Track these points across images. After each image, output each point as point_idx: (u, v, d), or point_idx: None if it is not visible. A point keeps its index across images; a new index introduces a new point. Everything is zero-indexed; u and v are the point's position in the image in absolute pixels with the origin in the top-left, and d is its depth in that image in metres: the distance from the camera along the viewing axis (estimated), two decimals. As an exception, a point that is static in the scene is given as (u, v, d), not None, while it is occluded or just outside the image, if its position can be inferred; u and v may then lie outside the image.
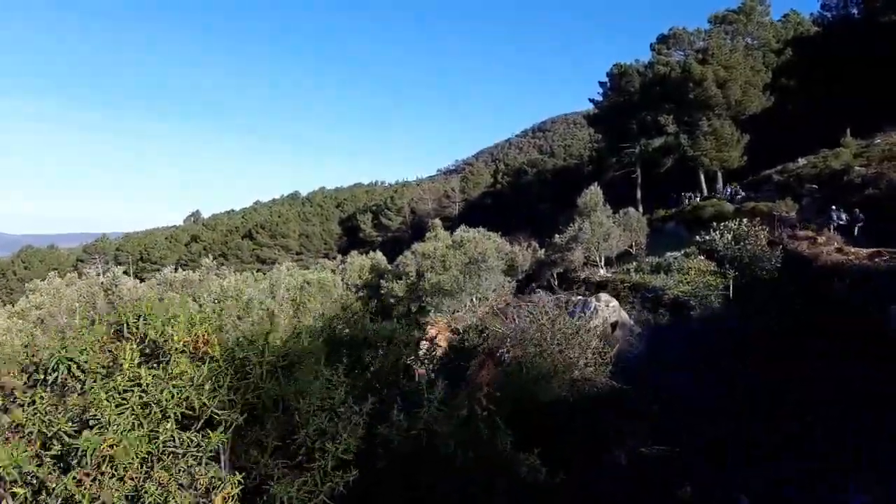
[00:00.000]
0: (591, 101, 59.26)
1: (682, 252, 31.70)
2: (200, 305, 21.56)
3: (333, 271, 44.01)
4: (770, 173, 44.93)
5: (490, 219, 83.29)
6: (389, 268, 32.09)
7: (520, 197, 79.02)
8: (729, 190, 48.18)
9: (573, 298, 9.75)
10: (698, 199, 49.10)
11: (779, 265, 19.85)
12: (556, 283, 39.44)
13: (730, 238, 20.59)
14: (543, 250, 39.51)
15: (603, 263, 33.62)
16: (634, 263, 32.39)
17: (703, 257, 22.72)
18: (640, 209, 57.31)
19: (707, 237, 21.36)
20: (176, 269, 33.48)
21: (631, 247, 41.18)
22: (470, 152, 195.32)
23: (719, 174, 50.60)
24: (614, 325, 8.58)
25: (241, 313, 22.87)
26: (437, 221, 33.69)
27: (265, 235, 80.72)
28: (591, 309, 8.64)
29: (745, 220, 35.85)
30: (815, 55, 49.85)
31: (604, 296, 10.03)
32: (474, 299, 30.76)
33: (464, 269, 25.93)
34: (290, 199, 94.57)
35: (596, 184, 35.63)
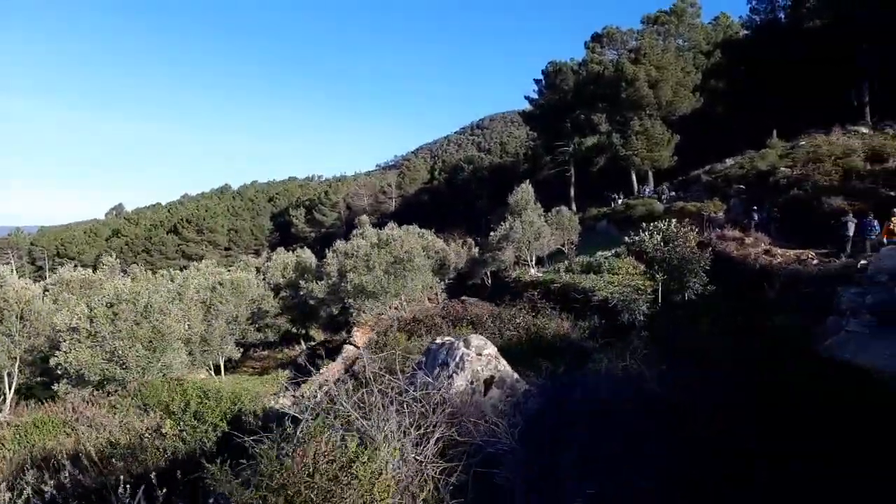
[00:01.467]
0: (527, 98, 58.70)
1: (613, 252, 31.12)
2: (91, 309, 19.41)
3: (258, 269, 41.80)
4: (699, 173, 45.15)
5: (427, 215, 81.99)
6: (315, 266, 30.20)
7: (457, 194, 78.09)
8: (659, 190, 48.36)
9: (439, 341, 7.70)
10: (630, 198, 49.08)
11: (708, 267, 19.18)
12: (489, 281, 38.46)
13: (659, 239, 19.81)
14: (477, 249, 38.50)
15: (534, 263, 32.79)
16: (565, 263, 31.64)
17: (632, 258, 21.91)
18: (574, 208, 57.09)
19: (636, 238, 20.53)
20: (79, 267, 30.74)
21: (563, 246, 40.59)
22: (409, 148, 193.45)
23: (650, 174, 50.68)
24: (489, 383, 6.49)
25: (138, 318, 20.78)
26: (365, 218, 32.22)
27: (191, 230, 77.05)
28: (457, 359, 6.49)
29: (674, 220, 35.89)
30: (744, 58, 50.43)
31: (475, 339, 6.40)
32: (402, 300, 29.36)
33: (389, 268, 24.44)
34: (220, 192, 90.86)
35: (527, 182, 34.71)
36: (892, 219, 19.35)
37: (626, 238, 21.88)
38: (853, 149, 33.37)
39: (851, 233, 21.08)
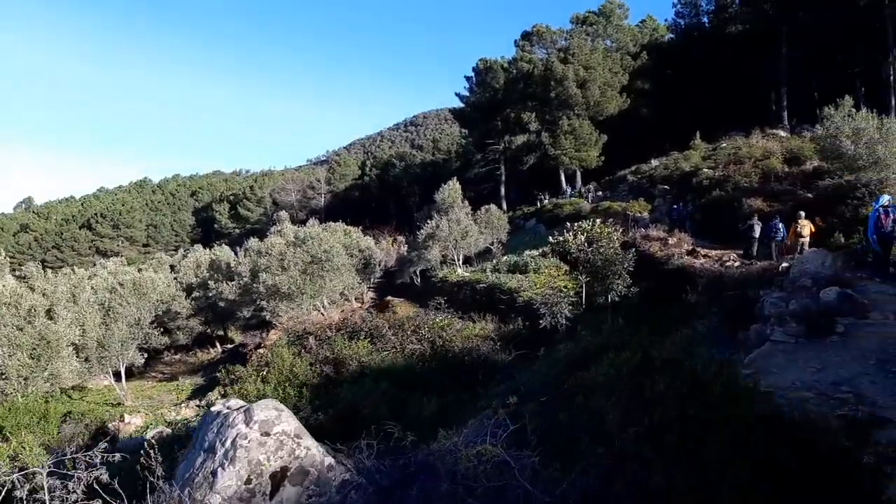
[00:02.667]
0: (458, 95, 57.83)
1: (541, 251, 30.58)
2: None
3: (173, 267, 39.35)
4: (625, 174, 45.39)
5: (357, 212, 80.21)
6: (226, 266, 28.24)
7: (388, 191, 76.73)
8: (587, 189, 48.41)
9: (218, 407, 5.43)
10: (559, 197, 48.95)
11: (632, 268, 18.61)
12: (418, 281, 37.34)
13: (583, 239, 19.09)
14: (405, 247, 37.36)
15: (461, 262, 31.93)
16: (493, 262, 30.89)
17: (556, 258, 21.22)
18: (505, 206, 56.75)
19: (560, 238, 19.78)
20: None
21: (492, 244, 39.91)
22: (342, 143, 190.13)
23: (578, 173, 50.72)
24: (280, 478, 4.37)
25: (20, 323, 18.67)
26: (284, 214, 30.64)
27: (106, 226, 72.58)
28: (227, 444, 4.19)
29: (599, 219, 35.72)
30: (669, 60, 51.11)
31: (261, 410, 4.91)
32: (324, 301, 27.87)
33: (306, 268, 22.94)
34: (139, 186, 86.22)
35: (454, 179, 33.84)
36: (798, 221, 19.35)
37: (551, 238, 21.13)
38: (772, 151, 33.87)
39: (757, 234, 21.08)
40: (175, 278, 32.60)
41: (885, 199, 13.66)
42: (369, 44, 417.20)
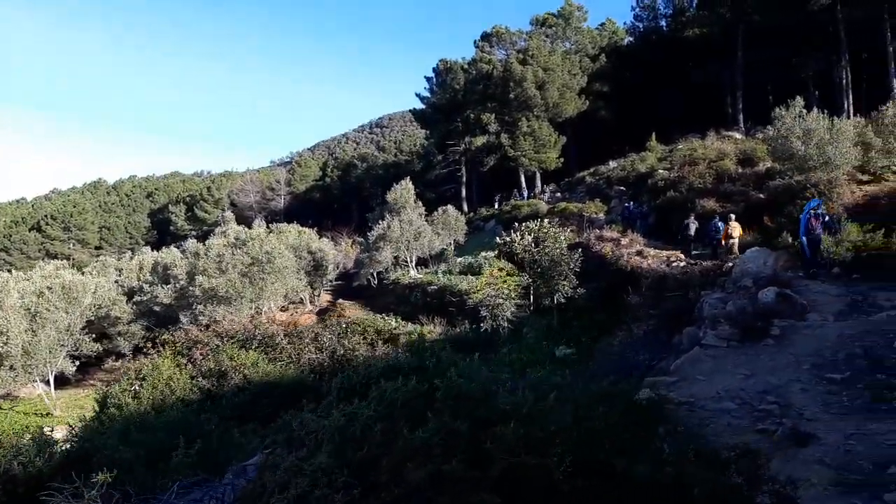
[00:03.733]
0: (419, 96, 57.04)
1: (496, 252, 30.02)
2: None
3: (119, 271, 37.82)
4: (584, 175, 45.09)
5: (319, 213, 78.89)
6: (162, 268, 26.93)
7: (350, 192, 75.62)
8: (547, 190, 48.08)
9: None
10: (518, 198, 48.50)
11: (578, 269, 18.05)
12: (375, 282, 36.47)
13: (531, 239, 18.47)
14: (359, 249, 36.48)
15: (414, 263, 31.18)
16: (446, 264, 30.23)
17: (504, 260, 20.58)
18: (466, 207, 56.18)
19: (507, 238, 19.12)
20: None
21: (450, 245, 39.24)
22: (306, 145, 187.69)
23: (538, 175, 50.33)
24: None
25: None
26: (229, 215, 29.60)
27: (57, 228, 69.97)
28: None
29: (556, 220, 35.30)
30: (627, 63, 51.05)
31: None
32: (271, 305, 26.84)
33: (246, 271, 21.90)
34: (93, 187, 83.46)
35: (407, 179, 33.13)
36: (730, 223, 19.38)
37: (498, 239, 20.48)
38: (726, 153, 33.78)
39: (693, 233, 21.22)
40: (116, 282, 31.15)
41: (814, 203, 14.15)
42: (334, 44, 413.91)
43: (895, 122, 22.21)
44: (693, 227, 21.27)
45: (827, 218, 14.17)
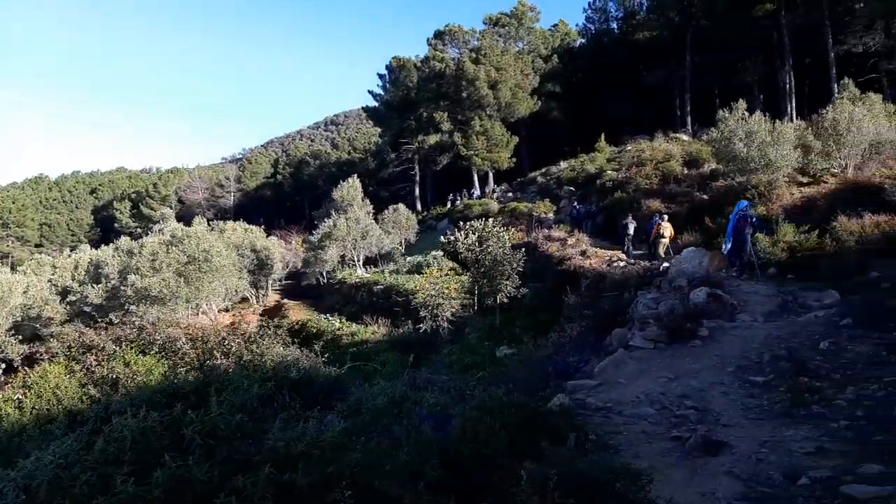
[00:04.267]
0: (371, 93, 56.38)
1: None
2: None
3: (55, 269, 36.23)
4: (535, 175, 45.26)
5: (270, 211, 77.37)
6: (94, 267, 25.71)
7: (302, 189, 74.41)
8: (499, 190, 48.10)
9: None
10: (471, 197, 48.38)
11: (521, 269, 17.85)
12: (324, 281, 35.76)
13: (475, 239, 18.17)
14: (305, 248, 35.71)
15: (361, 263, 30.63)
16: (395, 263, 29.81)
17: (450, 259, 20.29)
18: (419, 206, 55.81)
19: (452, 237, 18.79)
20: None
21: (400, 244, 38.84)
22: (259, 141, 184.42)
23: (490, 174, 50.28)
24: None
25: None
26: (169, 212, 28.94)
27: (-6, 224, 67.16)
28: None
29: (506, 219, 35.27)
30: (579, 64, 51.46)
31: None
32: (212, 305, 25.97)
33: (182, 270, 21.05)
34: (34, 183, 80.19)
35: (354, 177, 32.57)
36: (661, 223, 19.65)
37: (442, 238, 20.16)
38: (673, 154, 34.25)
39: (631, 233, 21.41)
40: (49, 281, 29.73)
41: (743, 204, 14.45)
42: (287, 39, 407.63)
43: (834, 126, 22.61)
44: (632, 227, 21.44)
45: (755, 220, 14.43)
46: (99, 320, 21.75)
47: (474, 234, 18.25)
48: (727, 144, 24.84)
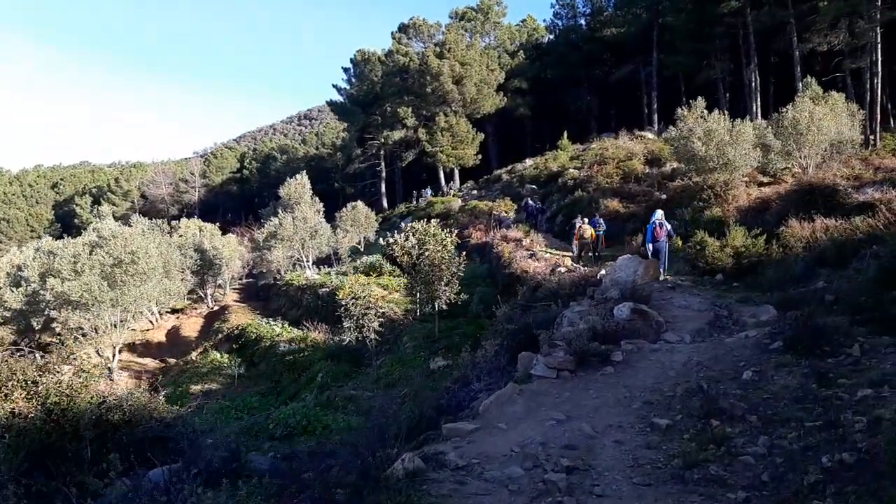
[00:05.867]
0: (336, 87, 54.97)
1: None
2: None
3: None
4: (500, 173, 44.31)
5: (236, 207, 75.74)
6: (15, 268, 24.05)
7: (269, 185, 72.80)
8: (464, 188, 47.07)
9: None
10: (436, 195, 47.31)
11: (462, 273, 16.78)
12: (273, 282, 34.43)
13: (414, 241, 17.04)
14: (249, 248, 34.34)
15: (311, 264, 29.34)
16: (345, 264, 28.61)
17: (389, 262, 19.15)
18: (385, 203, 54.62)
19: (391, 240, 17.62)
20: None
21: (360, 243, 37.65)
22: (231, 136, 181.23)
23: (456, 171, 49.24)
24: None
25: None
26: (106, 209, 27.06)
27: (-53, 219, 64.62)
28: None
29: (466, 217, 34.26)
30: (547, 61, 50.51)
31: None
32: (154, 309, 24.59)
33: (108, 272, 19.65)
34: (-9, 175, 77.58)
35: (303, 174, 31.24)
36: (581, 224, 20.20)
37: (381, 240, 18.99)
38: (635, 153, 33.58)
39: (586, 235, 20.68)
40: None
41: (658, 213, 15.25)
42: (260, 34, 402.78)
43: (794, 125, 21.89)
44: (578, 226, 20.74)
45: (669, 227, 15.05)
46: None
47: (414, 236, 17.12)
48: (686, 143, 24.09)
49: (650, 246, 14.49)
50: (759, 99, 38.66)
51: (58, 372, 5.84)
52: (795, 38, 36.45)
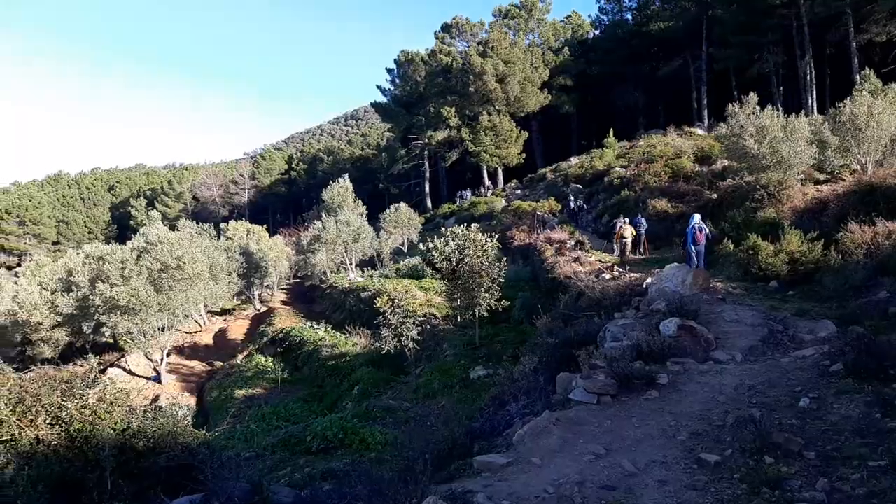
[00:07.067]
0: (380, 88, 55.12)
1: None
2: None
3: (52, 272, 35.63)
4: (545, 172, 43.73)
5: (284, 208, 76.93)
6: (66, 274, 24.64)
7: (316, 186, 73.80)
8: (508, 187, 46.66)
9: None
10: (480, 195, 47.02)
11: (503, 279, 16.41)
12: (319, 283, 34.66)
13: (454, 247, 16.73)
14: (293, 251, 34.65)
15: (354, 266, 29.37)
16: (385, 267, 28.54)
17: (428, 268, 18.89)
18: (429, 203, 54.59)
19: (431, 245, 17.35)
20: None
21: (403, 245, 37.61)
22: (280, 137, 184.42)
23: (500, 171, 48.83)
24: None
25: None
26: (155, 213, 27.74)
27: (11, 222, 67.17)
28: None
29: (509, 218, 33.79)
30: (592, 57, 49.55)
31: None
32: (202, 311, 25.02)
33: (155, 277, 20.01)
34: (53, 180, 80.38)
35: (345, 177, 31.30)
36: (622, 225, 20.09)
37: (421, 245, 18.73)
38: (684, 150, 32.59)
39: (627, 237, 20.51)
40: (40, 284, 29.06)
41: (697, 217, 15.40)
42: (309, 34, 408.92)
43: (852, 120, 20.76)
44: (627, 229, 20.27)
45: (708, 231, 15.28)
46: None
47: (453, 241, 16.82)
48: (737, 140, 23.22)
49: (692, 248, 14.54)
50: (814, 93, 37.09)
51: (82, 395, 5.78)
52: (852, 29, 34.85)
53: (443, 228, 17.82)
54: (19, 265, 52.10)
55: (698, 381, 7.10)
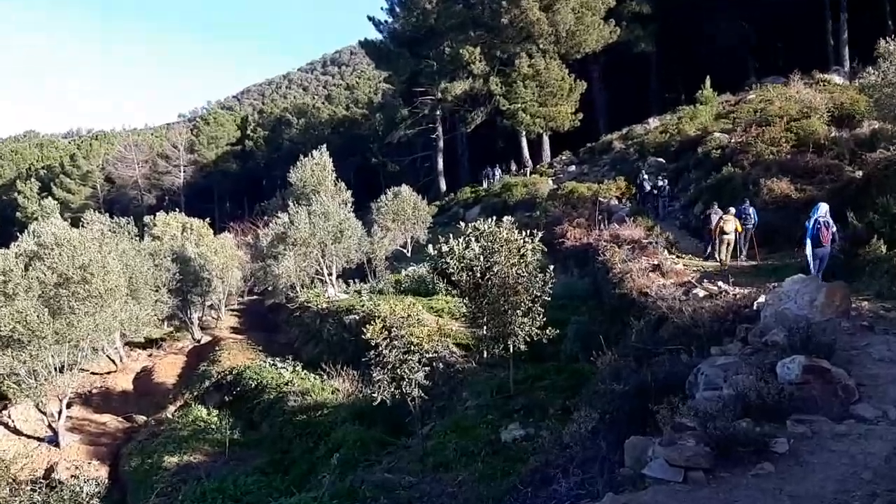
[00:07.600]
0: (372, 20, 55.46)
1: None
2: None
3: None
4: (611, 139, 43.90)
5: (235, 192, 77.66)
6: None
7: (280, 160, 74.41)
8: (558, 162, 46.84)
9: None
10: (514, 173, 47.26)
11: (549, 297, 16.39)
12: (293, 303, 35.00)
13: (478, 250, 16.70)
14: (248, 256, 35.04)
15: (335, 277, 29.46)
16: (379, 279, 28.72)
17: (440, 279, 18.88)
18: (443, 185, 54.91)
19: (444, 247, 17.35)
20: None
21: (404, 246, 37.81)
22: (230, 91, 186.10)
23: (545, 138, 49.01)
24: None
25: None
26: (51, 203, 27.82)
27: None
28: None
29: (559, 206, 33.89)
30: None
31: None
32: (117, 344, 25.26)
33: (50, 295, 20.27)
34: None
35: (322, 150, 31.43)
36: (724, 216, 20.46)
37: (431, 248, 18.75)
38: (814, 107, 32.45)
39: (730, 231, 20.95)
40: None
41: (823, 207, 15.31)
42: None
43: None
44: (715, 219, 20.60)
45: (835, 228, 15.29)
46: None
47: (477, 241, 16.81)
48: (892, 93, 23.09)
49: (813, 252, 14.73)
50: None
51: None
52: None
53: (462, 223, 17.72)
54: None
55: (832, 448, 7.06)
